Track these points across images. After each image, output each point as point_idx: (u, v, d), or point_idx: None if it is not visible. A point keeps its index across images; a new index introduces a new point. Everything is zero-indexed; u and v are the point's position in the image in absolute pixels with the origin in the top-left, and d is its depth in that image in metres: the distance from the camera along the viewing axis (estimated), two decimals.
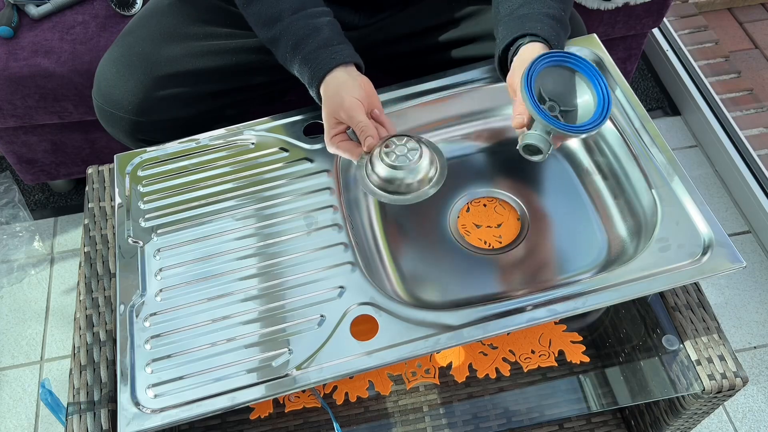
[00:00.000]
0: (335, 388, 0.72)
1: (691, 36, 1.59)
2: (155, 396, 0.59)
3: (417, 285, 0.70)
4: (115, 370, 0.70)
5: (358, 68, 0.70)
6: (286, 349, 0.60)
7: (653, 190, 0.67)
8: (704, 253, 0.63)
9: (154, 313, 0.64)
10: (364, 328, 0.60)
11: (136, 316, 0.64)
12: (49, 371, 1.17)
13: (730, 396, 0.69)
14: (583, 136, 0.68)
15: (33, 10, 1.09)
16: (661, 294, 0.74)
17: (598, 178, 0.75)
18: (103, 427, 0.66)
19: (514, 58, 0.68)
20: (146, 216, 0.72)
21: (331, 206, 0.69)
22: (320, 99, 0.70)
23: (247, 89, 0.86)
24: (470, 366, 0.73)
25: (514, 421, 0.71)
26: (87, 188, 0.85)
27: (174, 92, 0.80)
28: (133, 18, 0.87)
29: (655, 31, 1.56)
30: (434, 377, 0.72)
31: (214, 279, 0.65)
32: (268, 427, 0.71)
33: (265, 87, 0.88)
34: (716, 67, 1.54)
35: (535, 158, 0.65)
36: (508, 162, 0.79)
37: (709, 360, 0.68)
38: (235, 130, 0.77)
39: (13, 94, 1.06)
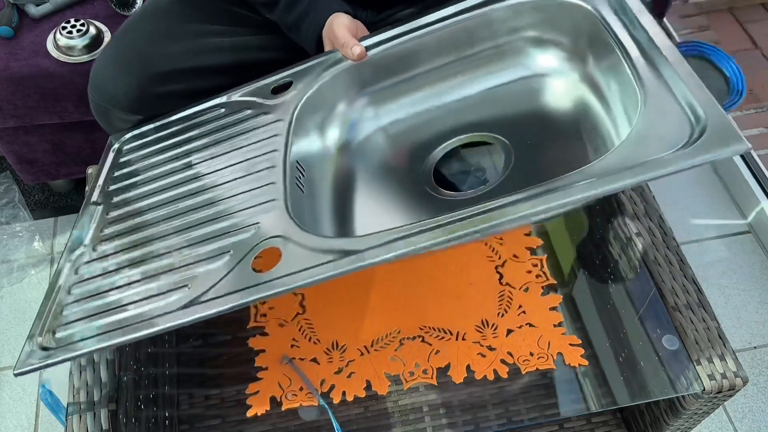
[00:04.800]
0: (332, 386, 0.72)
1: (691, 36, 1.59)
2: (58, 332, 0.61)
3: (361, 224, 0.70)
4: (115, 370, 0.70)
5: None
6: (186, 284, 0.59)
7: (640, 82, 0.58)
8: (693, 141, 0.51)
9: (89, 261, 0.67)
10: (270, 260, 0.59)
11: (72, 264, 0.67)
12: (49, 371, 1.17)
13: (730, 396, 0.69)
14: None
15: (33, 10, 1.09)
16: (661, 294, 0.74)
17: (586, 92, 0.71)
18: (103, 427, 0.66)
19: None
20: (111, 186, 0.76)
21: (274, 150, 0.69)
22: (319, 47, 0.76)
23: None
24: (468, 367, 0.73)
25: (514, 421, 0.71)
26: (87, 188, 0.85)
27: (170, 89, 0.81)
28: (132, 15, 0.87)
29: None
30: (432, 378, 0.72)
31: (150, 226, 0.67)
32: (268, 427, 0.71)
33: None
34: None
35: None
36: (494, 102, 0.77)
37: (709, 360, 0.68)
38: (209, 100, 0.80)
39: (13, 94, 1.06)
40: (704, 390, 0.67)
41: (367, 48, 0.74)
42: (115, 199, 0.73)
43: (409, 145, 0.77)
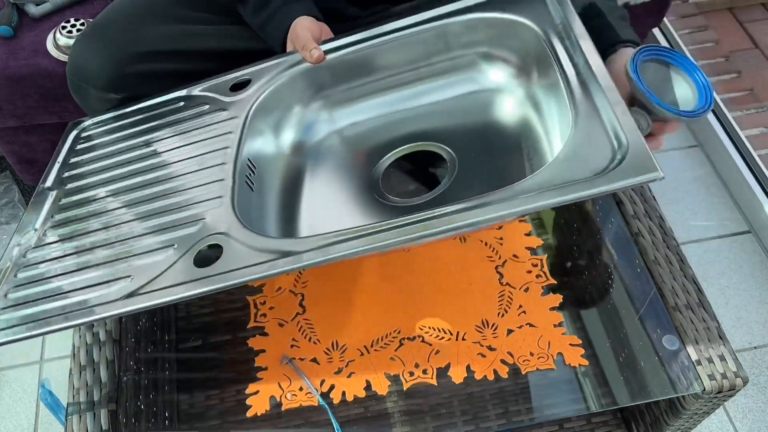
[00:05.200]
0: (332, 387, 0.72)
1: (691, 36, 1.59)
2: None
3: (306, 224, 0.72)
4: (115, 370, 0.70)
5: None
6: (130, 275, 0.60)
7: (573, 104, 0.61)
8: (614, 166, 0.53)
9: (37, 246, 0.68)
10: (213, 255, 0.60)
11: (20, 248, 0.68)
12: (48, 371, 1.17)
13: (731, 396, 0.69)
14: (689, 120, 0.65)
15: (33, 10, 1.09)
16: (661, 294, 0.74)
17: (528, 109, 0.74)
18: (103, 427, 0.66)
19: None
20: (65, 173, 0.76)
21: (226, 147, 0.71)
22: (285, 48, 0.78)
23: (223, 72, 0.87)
24: (468, 367, 0.73)
25: (514, 421, 0.71)
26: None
27: (147, 69, 0.81)
28: None
29: (655, 31, 1.56)
30: (432, 378, 0.72)
31: (99, 216, 0.68)
32: (268, 427, 0.71)
33: None
34: (716, 67, 1.54)
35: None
36: (443, 109, 0.80)
37: (710, 360, 0.68)
38: (169, 93, 0.82)
39: (13, 94, 1.06)
40: (704, 390, 0.67)
41: (326, 52, 0.76)
42: (69, 186, 0.74)
43: (360, 150, 0.79)
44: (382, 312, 0.78)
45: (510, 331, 0.75)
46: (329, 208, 0.74)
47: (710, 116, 1.42)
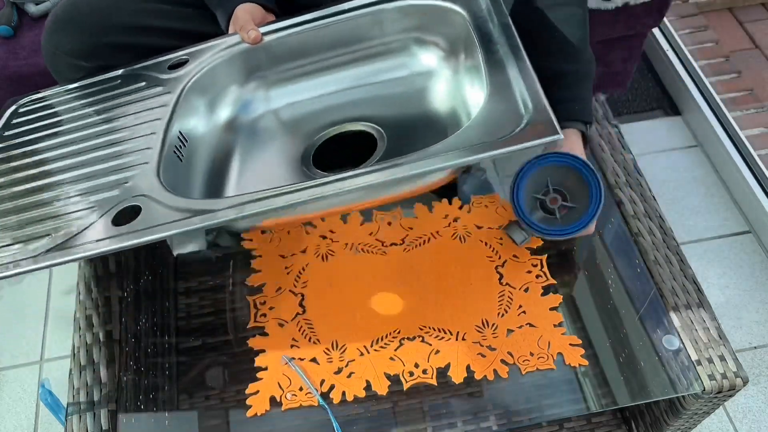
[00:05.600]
0: (332, 386, 0.72)
1: (691, 36, 1.59)
2: None
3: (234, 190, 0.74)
4: (115, 370, 0.70)
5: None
6: (49, 233, 0.62)
7: (489, 80, 0.64)
8: (518, 131, 0.57)
9: None
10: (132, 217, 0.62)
11: None
12: (48, 371, 1.17)
13: (731, 396, 0.69)
14: (559, 239, 0.75)
15: (33, 9, 1.09)
16: (661, 294, 0.74)
17: (455, 91, 0.78)
18: (103, 427, 0.66)
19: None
20: (3, 138, 0.79)
21: (158, 119, 0.73)
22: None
23: None
24: (468, 367, 0.73)
25: (514, 421, 0.71)
26: None
27: (119, 41, 0.83)
28: None
29: (655, 31, 1.56)
30: (432, 378, 0.72)
31: (29, 181, 0.70)
32: (268, 427, 0.71)
33: None
34: (716, 67, 1.54)
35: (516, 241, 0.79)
36: (376, 91, 0.83)
37: (710, 360, 0.68)
38: (108, 73, 0.83)
39: (13, 93, 1.06)
40: (704, 390, 0.67)
41: (265, 34, 0.78)
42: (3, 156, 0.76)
43: (293, 129, 0.82)
44: (381, 312, 0.78)
45: (510, 331, 0.75)
46: (259, 182, 0.77)
47: (710, 116, 1.42)
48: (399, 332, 0.76)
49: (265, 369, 0.74)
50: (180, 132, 0.74)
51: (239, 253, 0.85)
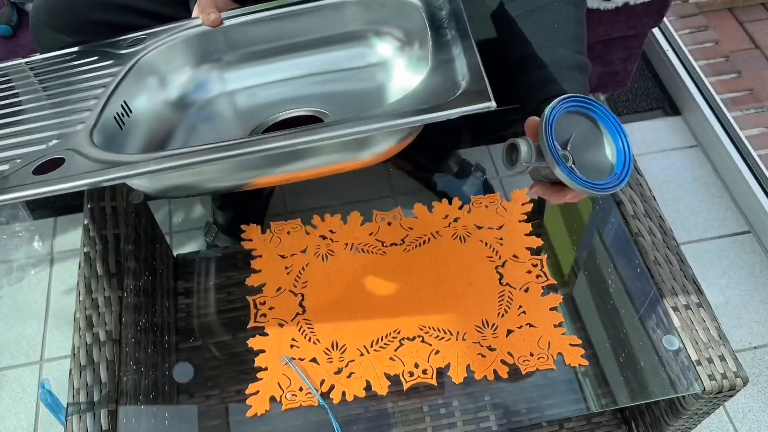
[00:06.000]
0: (332, 387, 0.72)
1: (691, 36, 1.59)
2: None
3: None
4: (115, 370, 0.70)
5: None
6: None
7: (430, 60, 0.65)
8: (456, 96, 0.57)
9: None
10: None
11: None
12: (48, 371, 1.17)
13: (731, 396, 0.69)
14: (598, 195, 0.61)
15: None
16: (661, 294, 0.74)
17: (408, 78, 0.78)
18: (103, 428, 0.66)
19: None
20: None
21: (102, 87, 0.72)
22: None
23: None
24: (468, 367, 0.73)
25: (514, 421, 0.71)
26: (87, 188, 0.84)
27: (101, 18, 0.83)
28: None
29: (655, 31, 1.56)
30: (432, 378, 0.72)
31: None
32: (268, 427, 0.71)
33: None
34: (716, 67, 1.54)
35: (510, 166, 0.62)
36: (331, 79, 0.83)
37: (710, 360, 0.68)
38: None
39: None
40: (704, 390, 0.67)
41: (225, 19, 0.78)
42: None
43: (243, 113, 0.82)
44: (381, 312, 0.78)
45: (510, 332, 0.75)
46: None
47: (710, 116, 1.42)
48: (399, 332, 0.76)
49: (265, 369, 0.74)
50: (125, 102, 0.73)
51: (239, 252, 0.85)
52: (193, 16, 0.81)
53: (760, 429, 1.07)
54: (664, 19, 1.41)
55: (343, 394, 0.71)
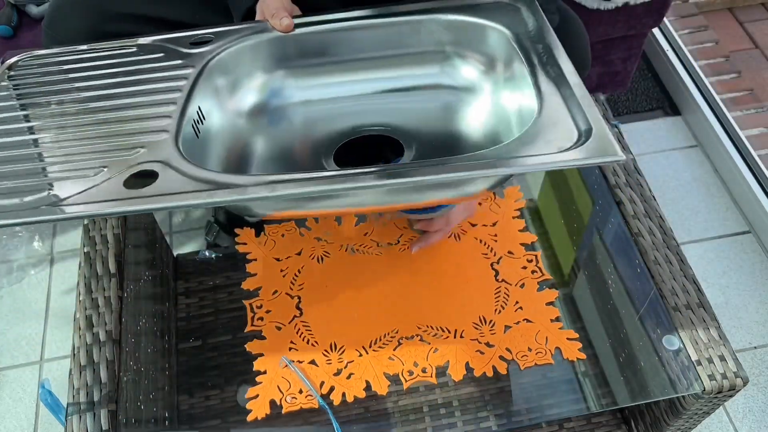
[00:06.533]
0: (332, 388, 0.72)
1: (691, 36, 1.59)
2: None
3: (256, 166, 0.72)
4: (115, 370, 0.70)
5: None
6: (49, 188, 0.58)
7: (538, 102, 0.62)
8: (576, 146, 0.55)
9: None
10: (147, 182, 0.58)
11: None
12: (48, 371, 1.17)
13: (731, 396, 0.69)
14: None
15: (34, 10, 1.09)
16: (661, 294, 0.74)
17: (495, 109, 0.75)
18: (103, 428, 0.66)
19: None
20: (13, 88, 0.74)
21: (178, 91, 0.70)
22: (248, 16, 0.77)
23: None
24: (467, 365, 0.73)
25: (514, 421, 0.71)
26: None
27: (123, 29, 0.81)
28: None
29: (655, 31, 1.56)
30: (431, 376, 0.72)
31: (36, 132, 0.66)
32: (269, 429, 0.71)
33: None
34: (716, 67, 1.54)
35: None
36: (407, 99, 0.80)
37: (710, 360, 0.68)
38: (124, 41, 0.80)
39: None
40: (704, 390, 0.67)
41: (297, 26, 0.75)
42: (3, 105, 0.72)
43: (317, 125, 0.79)
44: (379, 312, 0.78)
45: (507, 327, 0.75)
46: (276, 172, 0.74)
47: (710, 116, 1.42)
48: (397, 332, 0.76)
49: (264, 372, 0.74)
50: (199, 108, 0.71)
51: (239, 252, 0.85)
52: (257, 19, 0.78)
53: (760, 429, 1.07)
54: (664, 19, 1.41)
55: (343, 395, 0.71)
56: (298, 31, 0.75)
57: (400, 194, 0.62)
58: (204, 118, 0.72)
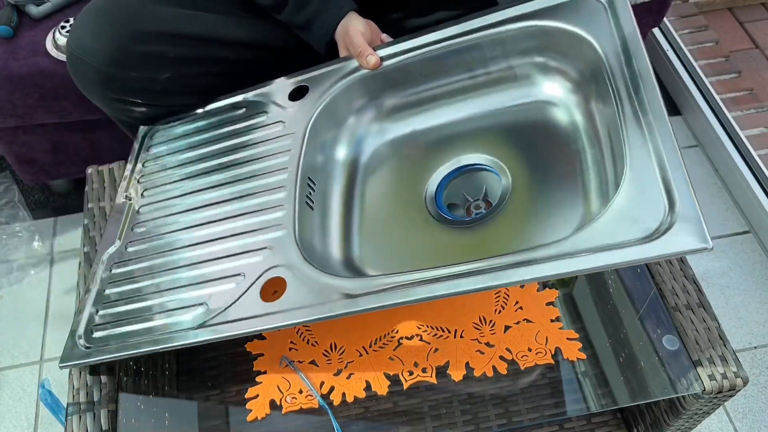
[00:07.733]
0: (332, 388, 0.72)
1: (691, 36, 1.59)
2: (95, 332, 0.67)
3: (370, 256, 0.73)
4: (115, 370, 0.70)
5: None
6: (204, 302, 0.64)
7: (627, 154, 0.59)
8: (663, 231, 0.54)
9: (118, 261, 0.72)
10: (277, 288, 0.63)
11: (105, 263, 0.73)
12: (49, 371, 1.17)
13: (731, 396, 0.69)
14: None
15: (33, 10, 1.09)
16: (661, 294, 0.74)
17: (586, 130, 0.72)
18: (103, 428, 0.66)
19: None
20: (140, 179, 0.80)
21: (284, 168, 0.72)
22: (330, 47, 0.79)
23: (228, 62, 0.86)
24: (467, 365, 0.73)
25: (514, 421, 0.71)
26: (87, 188, 0.85)
27: (152, 50, 0.79)
28: None
29: (656, 30, 1.56)
30: (431, 376, 0.72)
31: (175, 233, 0.72)
32: (268, 428, 0.71)
33: (245, 64, 0.87)
34: (716, 66, 1.54)
35: None
36: (499, 125, 0.78)
37: (710, 360, 0.68)
38: (229, 97, 0.84)
39: (12, 94, 1.06)
40: (704, 390, 0.67)
41: (382, 59, 0.75)
42: (145, 197, 0.77)
43: (413, 162, 0.79)
44: (379, 313, 0.77)
45: (507, 328, 0.75)
46: (386, 227, 0.76)
47: (710, 116, 1.42)
48: (397, 332, 0.76)
49: (264, 373, 0.74)
50: (309, 177, 0.72)
51: None
52: (342, 54, 0.77)
53: (760, 429, 1.07)
54: (664, 19, 1.41)
55: (343, 395, 0.71)
56: (384, 64, 0.75)
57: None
58: (315, 185, 0.73)
